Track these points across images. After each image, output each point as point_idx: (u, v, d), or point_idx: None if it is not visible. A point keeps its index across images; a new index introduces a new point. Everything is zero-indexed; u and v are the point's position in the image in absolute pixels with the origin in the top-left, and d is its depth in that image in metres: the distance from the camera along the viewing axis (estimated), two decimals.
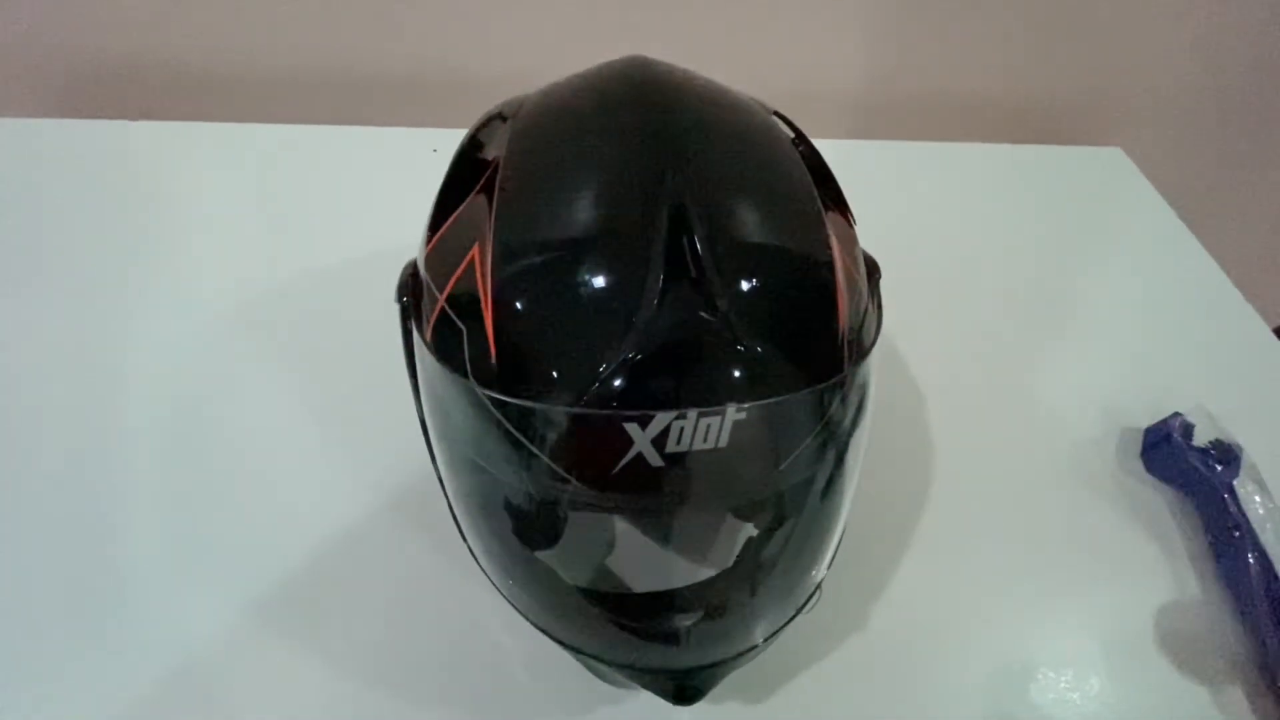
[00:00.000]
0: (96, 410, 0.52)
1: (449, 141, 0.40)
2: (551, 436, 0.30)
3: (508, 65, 0.76)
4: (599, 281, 0.30)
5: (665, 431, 0.28)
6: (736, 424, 0.29)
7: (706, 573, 0.40)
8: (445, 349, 0.32)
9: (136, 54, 0.74)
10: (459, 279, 0.32)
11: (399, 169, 0.70)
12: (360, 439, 0.52)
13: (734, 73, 0.43)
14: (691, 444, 0.28)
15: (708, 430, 0.28)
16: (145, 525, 0.47)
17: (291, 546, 0.46)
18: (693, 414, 0.28)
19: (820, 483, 0.34)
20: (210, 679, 0.41)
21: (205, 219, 0.66)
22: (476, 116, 0.40)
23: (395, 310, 0.37)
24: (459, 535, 0.40)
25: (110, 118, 0.72)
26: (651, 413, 0.28)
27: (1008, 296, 0.67)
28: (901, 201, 0.74)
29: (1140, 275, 0.72)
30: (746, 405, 0.29)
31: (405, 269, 0.38)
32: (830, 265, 0.32)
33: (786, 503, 0.36)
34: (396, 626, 0.44)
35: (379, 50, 0.76)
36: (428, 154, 0.67)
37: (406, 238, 0.43)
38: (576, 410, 0.29)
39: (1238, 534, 0.50)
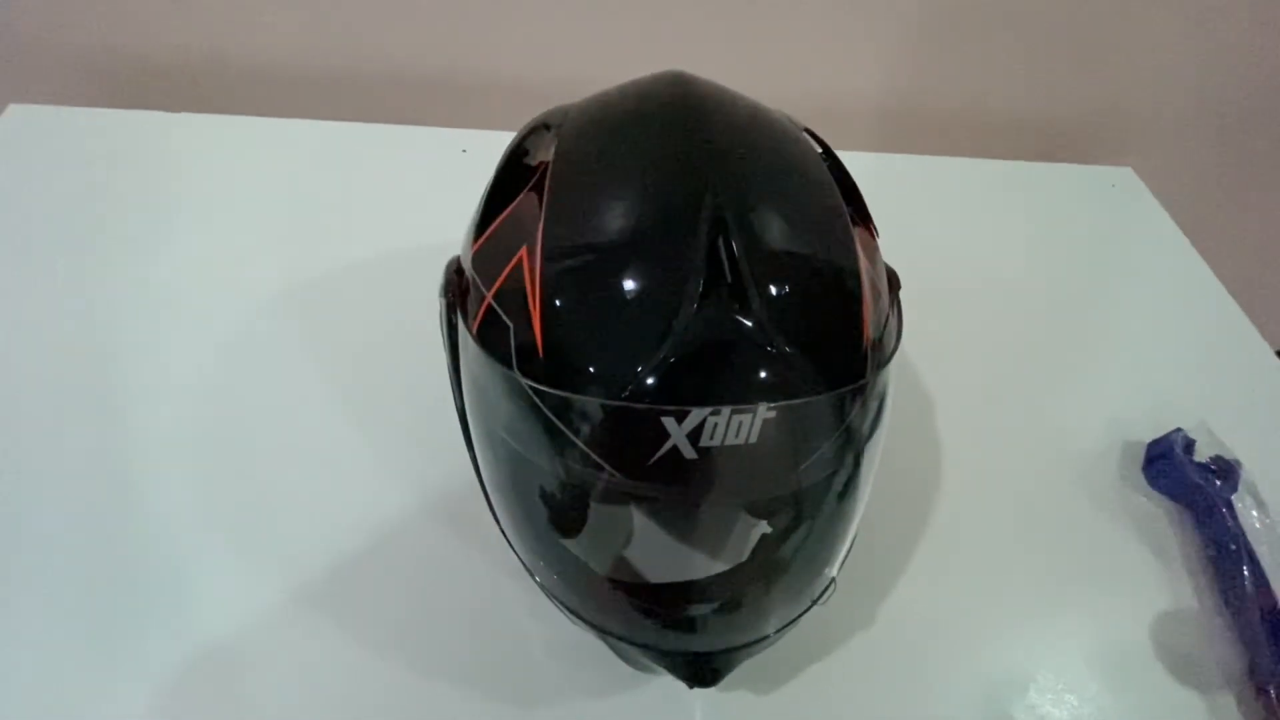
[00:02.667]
0: (132, 401, 0.53)
1: (478, 142, 0.41)
2: (592, 427, 0.32)
3: (539, 70, 0.78)
4: (642, 284, 0.32)
5: (700, 426, 0.30)
6: (766, 422, 0.31)
7: (727, 564, 0.42)
8: (491, 343, 0.34)
9: (177, 48, 0.76)
10: (507, 277, 0.34)
11: (429, 167, 0.73)
12: (389, 429, 0.53)
13: (755, 86, 0.45)
14: (724, 439, 0.30)
15: (739, 427, 0.30)
16: (180, 512, 0.48)
17: (323, 534, 0.48)
18: (726, 411, 0.30)
19: (838, 483, 0.36)
20: (243, 658, 0.43)
21: (242, 213, 0.67)
22: (505, 118, 0.42)
23: (425, 305, 0.39)
24: (486, 525, 0.41)
25: (150, 109, 0.73)
26: (688, 408, 0.30)
27: (1017, 311, 0.69)
28: (913, 215, 0.75)
29: (1147, 294, 0.73)
30: (777, 404, 0.31)
31: (449, 266, 0.40)
32: (857, 276, 0.34)
33: (806, 500, 0.38)
34: (424, 611, 0.46)
35: (412, 50, 0.78)
36: (457, 154, 0.70)
37: (436, 235, 0.45)
38: (618, 403, 0.31)
39: (1234, 548, 0.51)
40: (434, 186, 0.44)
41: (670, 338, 0.30)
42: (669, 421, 0.30)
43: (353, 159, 0.73)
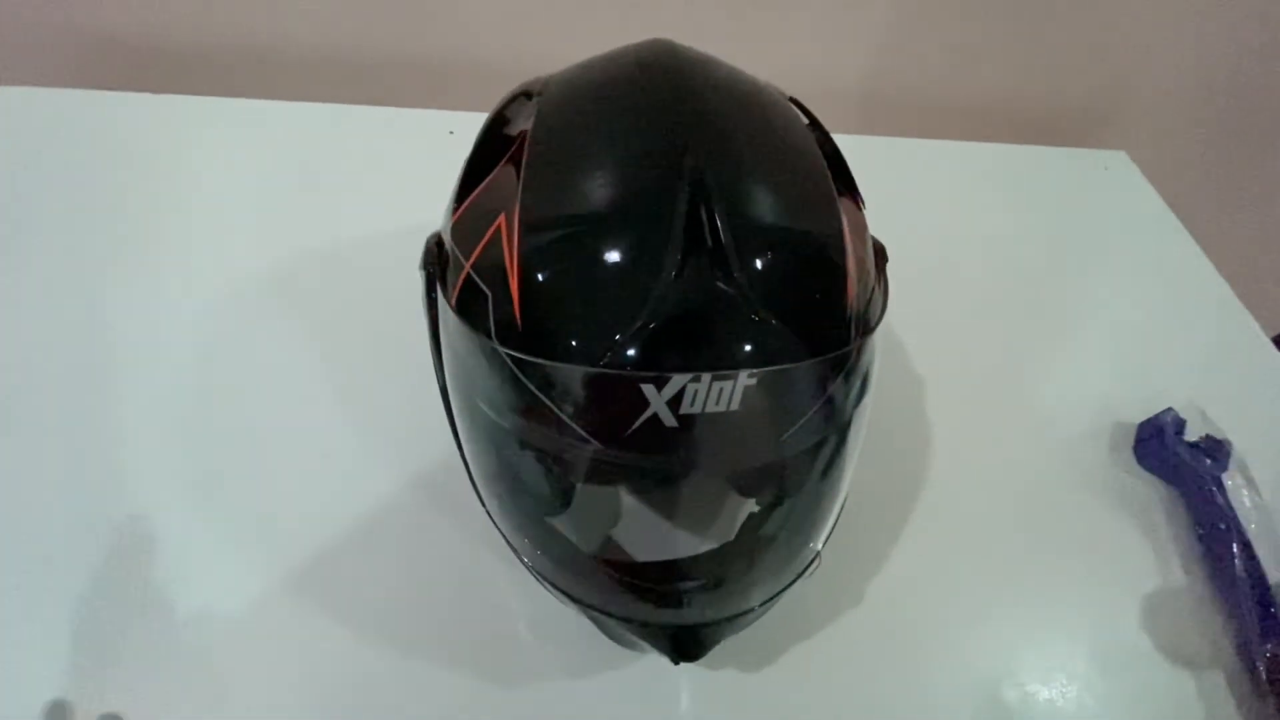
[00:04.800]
0: (119, 386, 0.53)
1: (466, 124, 0.41)
2: (572, 396, 0.32)
3: (525, 51, 0.77)
4: (621, 251, 0.32)
5: (680, 393, 0.30)
6: (747, 389, 0.30)
7: (710, 536, 0.41)
8: (470, 313, 0.34)
9: (161, 28, 0.75)
10: (485, 246, 0.34)
11: (417, 149, 0.72)
12: (377, 411, 0.53)
13: (743, 66, 0.44)
14: (705, 406, 0.30)
15: (720, 394, 0.30)
16: (163, 493, 0.48)
17: (310, 515, 0.48)
18: (706, 377, 0.30)
19: (822, 454, 0.36)
20: (226, 637, 0.43)
21: (229, 194, 0.67)
22: (494, 100, 0.41)
23: (412, 285, 0.38)
24: (471, 504, 0.41)
25: (132, 90, 0.73)
26: (668, 374, 0.30)
27: (1010, 293, 0.69)
28: (906, 198, 0.75)
29: (1140, 276, 0.73)
30: (758, 371, 0.30)
31: (429, 239, 0.39)
32: (840, 245, 0.34)
33: (789, 471, 0.37)
34: (409, 589, 0.45)
35: (400, 32, 0.77)
36: (445, 135, 0.69)
37: (424, 216, 0.44)
38: (597, 370, 0.30)
39: (1224, 527, 0.51)
40: (422, 167, 0.44)
41: (649, 304, 0.30)
42: (649, 389, 0.30)
43: (340, 141, 0.73)
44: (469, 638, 0.44)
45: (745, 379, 0.30)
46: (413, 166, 0.69)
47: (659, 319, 0.30)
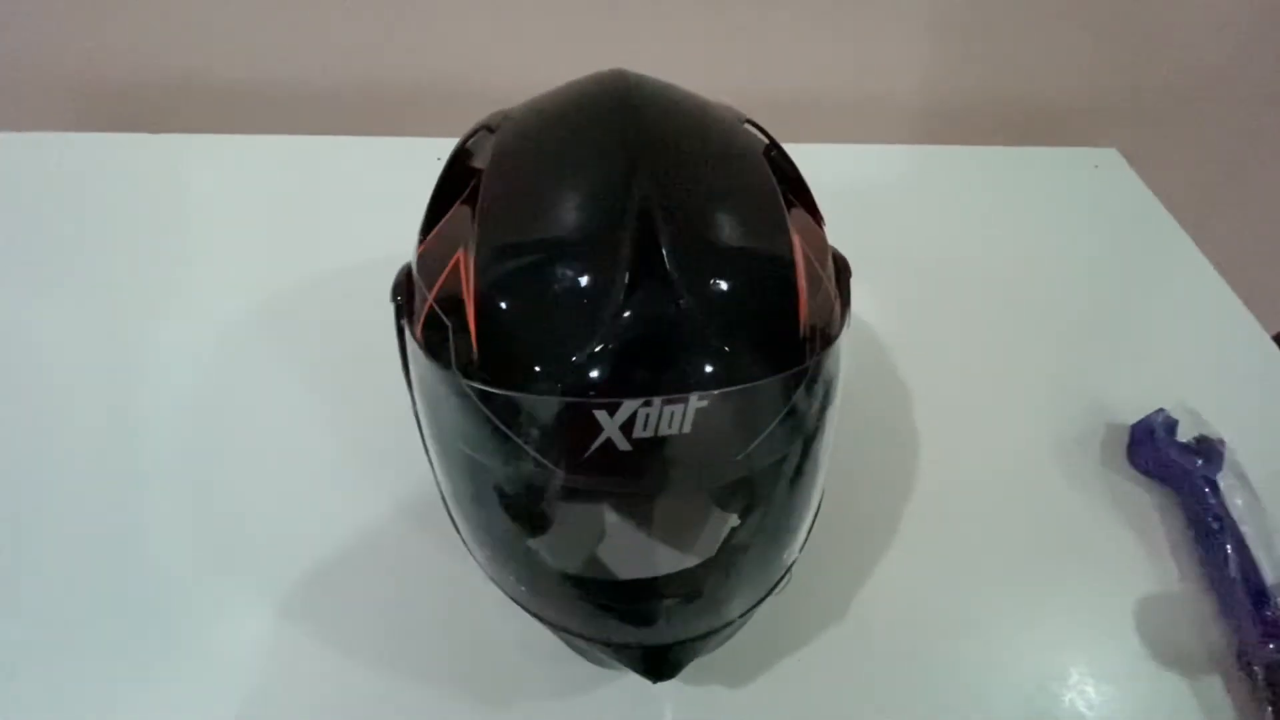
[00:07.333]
0: (111, 415, 0.54)
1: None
2: (528, 423, 0.32)
3: (510, 78, 0.78)
4: (571, 280, 0.32)
5: (632, 418, 0.30)
6: (700, 411, 0.31)
7: (676, 555, 0.41)
8: (433, 344, 0.35)
9: (150, 69, 0.78)
10: (446, 279, 0.35)
11: (406, 177, 0.73)
12: (364, 436, 0.54)
13: (730, 80, 0.44)
14: (657, 429, 0.30)
15: (672, 417, 0.30)
16: (161, 523, 0.49)
17: (296, 537, 0.48)
18: (658, 401, 0.30)
19: (785, 470, 0.36)
20: (214, 660, 0.44)
21: (218, 228, 0.68)
22: None
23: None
24: (452, 524, 0.42)
25: (123, 131, 0.75)
26: (619, 400, 0.30)
27: (1001, 294, 0.68)
28: (898, 202, 0.76)
29: (1132, 274, 0.72)
30: (709, 393, 0.31)
31: (400, 271, 0.40)
32: (790, 262, 0.34)
33: (753, 488, 0.37)
34: (395, 611, 0.46)
35: (385, 64, 0.79)
36: (432, 163, 0.70)
37: (411, 243, 0.45)
38: (550, 398, 0.31)
39: (1218, 527, 0.50)
40: (409, 195, 0.45)
41: (598, 331, 0.30)
42: (601, 415, 0.30)
43: (329, 172, 0.74)
44: (455, 658, 0.44)
45: (696, 401, 0.30)
46: (403, 193, 0.71)
47: (609, 345, 0.30)
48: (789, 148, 0.41)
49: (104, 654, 0.44)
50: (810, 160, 0.42)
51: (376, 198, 0.72)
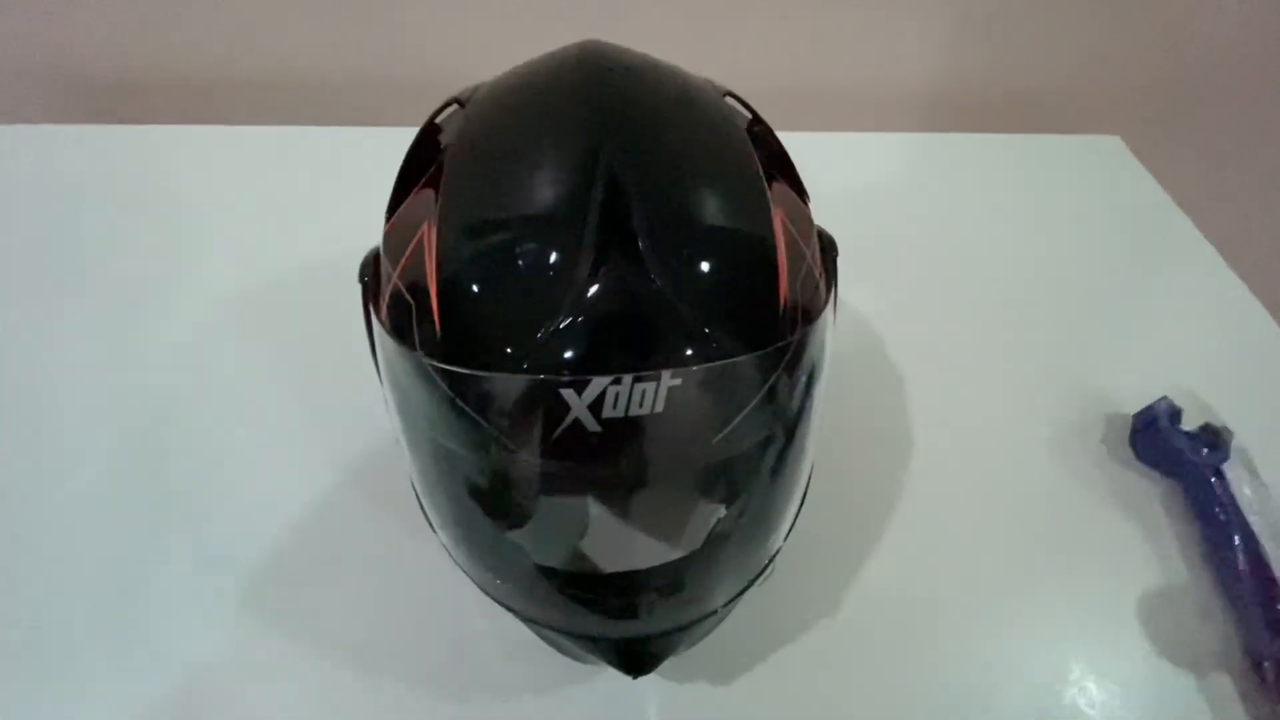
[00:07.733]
0: (91, 409, 0.53)
1: None
2: (494, 404, 0.31)
3: (495, 65, 0.78)
4: (535, 254, 0.31)
5: (601, 397, 0.29)
6: (673, 390, 0.29)
7: (652, 544, 0.40)
8: (397, 324, 0.33)
9: (137, 60, 0.77)
10: (410, 257, 0.33)
11: (390, 166, 0.72)
12: (343, 431, 0.52)
13: (733, 69, 0.43)
14: (628, 409, 0.29)
15: (643, 396, 0.29)
16: (127, 520, 0.48)
17: (273, 536, 0.47)
18: (627, 379, 0.29)
19: (768, 452, 0.34)
20: (186, 660, 0.42)
21: (199, 220, 0.67)
22: None
23: None
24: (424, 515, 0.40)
25: (110, 122, 0.74)
26: (587, 378, 0.29)
27: (1004, 283, 0.67)
28: (902, 190, 0.75)
29: (1137, 262, 0.71)
30: (682, 370, 0.29)
31: (369, 252, 0.39)
32: (769, 238, 0.33)
33: (732, 473, 0.36)
34: (371, 607, 0.45)
35: (368, 53, 0.78)
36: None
37: None
38: (514, 377, 0.29)
39: (1224, 518, 0.49)
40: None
41: (564, 307, 0.29)
42: (569, 394, 0.29)
43: (313, 161, 0.73)
44: (429, 653, 0.43)
45: (669, 379, 0.29)
46: (388, 183, 0.70)
47: (575, 321, 0.29)
48: (792, 136, 0.40)
49: (75, 653, 0.42)
50: (813, 148, 0.41)
51: (360, 187, 0.70)
